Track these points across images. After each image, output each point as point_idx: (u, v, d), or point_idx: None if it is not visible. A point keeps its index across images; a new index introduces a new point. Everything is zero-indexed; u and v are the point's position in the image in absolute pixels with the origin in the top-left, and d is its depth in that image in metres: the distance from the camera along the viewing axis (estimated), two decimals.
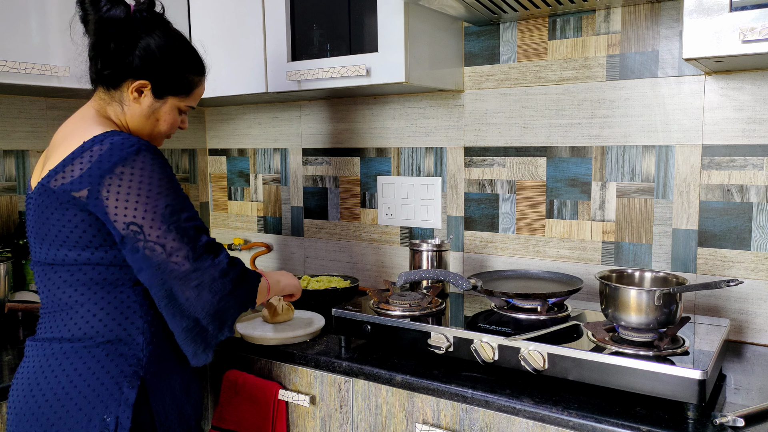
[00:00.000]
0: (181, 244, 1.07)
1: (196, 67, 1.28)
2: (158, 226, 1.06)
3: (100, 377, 1.09)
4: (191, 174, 2.37)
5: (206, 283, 1.08)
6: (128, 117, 1.22)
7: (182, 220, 1.09)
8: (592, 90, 1.62)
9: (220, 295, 1.10)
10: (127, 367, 1.10)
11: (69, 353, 1.10)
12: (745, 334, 1.49)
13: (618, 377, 1.11)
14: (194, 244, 1.08)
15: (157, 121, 1.24)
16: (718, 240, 1.50)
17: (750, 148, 1.44)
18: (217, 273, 1.10)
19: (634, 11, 1.55)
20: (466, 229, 1.85)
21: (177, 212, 1.09)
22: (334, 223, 2.12)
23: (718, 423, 1.03)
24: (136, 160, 1.07)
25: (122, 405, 1.08)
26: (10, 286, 1.70)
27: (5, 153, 1.84)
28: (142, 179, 1.07)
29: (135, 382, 1.10)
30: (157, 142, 1.30)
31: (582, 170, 1.65)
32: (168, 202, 1.08)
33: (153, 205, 1.07)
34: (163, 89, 1.22)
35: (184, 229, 1.08)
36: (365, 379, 1.33)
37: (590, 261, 1.66)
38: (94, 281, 1.11)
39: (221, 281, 1.10)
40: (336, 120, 2.07)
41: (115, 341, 1.11)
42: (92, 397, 1.08)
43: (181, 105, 1.26)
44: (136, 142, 1.09)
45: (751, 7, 1.08)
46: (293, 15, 1.73)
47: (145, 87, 1.19)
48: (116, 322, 1.11)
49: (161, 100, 1.22)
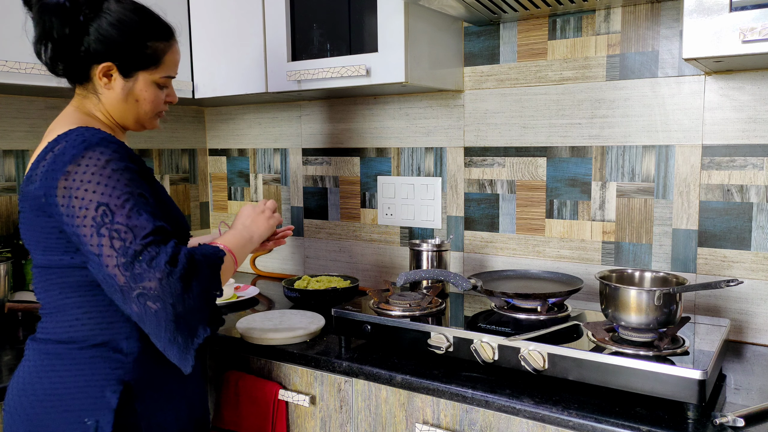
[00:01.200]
0: (111, 250, 0.98)
1: (159, 33, 1.18)
2: (90, 233, 0.99)
3: (84, 380, 1.07)
4: (191, 174, 2.37)
5: (147, 291, 0.97)
6: (107, 106, 1.18)
7: (115, 222, 0.99)
8: (592, 90, 1.62)
9: (171, 300, 0.98)
10: (110, 371, 1.08)
11: (61, 354, 1.10)
12: (745, 334, 1.48)
13: (618, 377, 1.11)
14: (126, 248, 0.98)
15: (137, 102, 1.18)
16: (718, 240, 1.50)
17: (750, 148, 1.44)
18: (157, 276, 0.97)
19: (634, 11, 1.55)
20: (466, 229, 1.85)
21: (110, 213, 0.99)
22: (334, 223, 2.12)
23: (718, 423, 1.03)
24: (84, 157, 1.02)
25: (103, 409, 1.06)
26: (10, 286, 1.69)
27: (5, 153, 1.84)
28: (83, 179, 1.01)
29: (118, 387, 1.07)
30: (151, 123, 1.24)
31: (582, 170, 1.65)
32: (101, 201, 1.00)
33: (86, 207, 1.00)
34: (130, 66, 1.15)
35: (117, 231, 0.98)
36: (365, 379, 1.33)
37: (590, 261, 1.66)
38: (80, 284, 1.09)
39: (165, 284, 0.97)
40: (336, 120, 2.07)
41: (101, 345, 1.09)
42: (76, 399, 1.07)
43: (156, 78, 1.19)
44: (89, 137, 1.04)
45: (751, 7, 1.08)
46: (293, 15, 1.73)
47: (110, 69, 1.14)
48: (100, 326, 1.09)
49: (131, 78, 1.16)
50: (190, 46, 1.95)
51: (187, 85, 1.94)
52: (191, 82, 1.95)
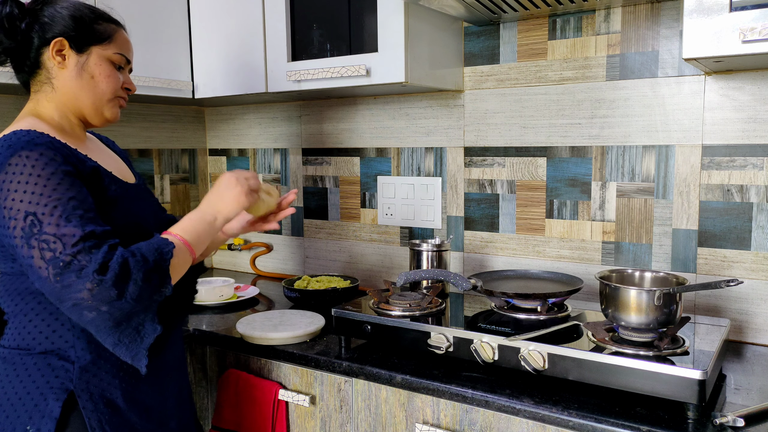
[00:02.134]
0: (42, 262, 0.95)
1: (108, 18, 1.18)
2: (21, 243, 0.96)
3: (27, 387, 1.06)
4: (191, 174, 2.37)
5: (80, 302, 0.94)
6: (61, 91, 1.14)
7: (43, 232, 0.95)
8: (592, 90, 1.62)
9: (106, 308, 0.95)
10: (53, 379, 1.06)
11: (7, 360, 1.09)
12: (745, 334, 1.48)
13: (618, 377, 1.11)
14: (56, 259, 0.94)
15: (92, 79, 1.15)
16: (718, 240, 1.50)
17: (750, 148, 1.44)
18: (86, 287, 0.93)
19: (634, 11, 1.55)
20: (466, 229, 1.85)
21: (38, 222, 0.96)
22: (334, 223, 2.12)
23: (718, 423, 1.03)
24: (11, 164, 0.98)
25: (45, 417, 1.04)
26: None
27: None
28: (10, 187, 0.97)
29: (61, 395, 1.05)
30: (111, 110, 1.19)
31: (582, 170, 1.65)
32: (29, 211, 0.96)
33: (15, 218, 0.97)
34: (82, 40, 1.13)
35: (45, 242, 0.95)
36: (365, 379, 1.33)
37: (590, 261, 1.66)
38: (29, 290, 1.07)
39: (96, 293, 0.93)
40: (336, 120, 2.07)
41: (48, 352, 1.07)
42: (18, 406, 1.05)
43: (109, 54, 1.16)
44: (15, 141, 1.00)
45: (751, 7, 1.08)
46: (293, 15, 1.73)
47: (62, 47, 1.12)
48: (44, 334, 1.07)
49: (85, 52, 1.14)
50: (190, 46, 1.95)
51: (187, 85, 1.94)
52: (191, 82, 1.95)
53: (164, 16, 1.88)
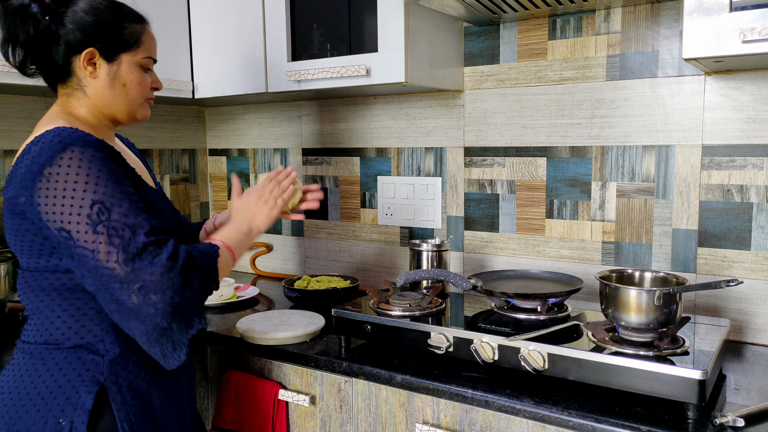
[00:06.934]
0: (110, 247, 0.98)
1: (132, 16, 1.19)
2: (85, 230, 0.99)
3: (58, 380, 1.07)
4: (191, 174, 2.37)
5: (149, 284, 0.99)
6: (94, 99, 1.16)
7: (112, 219, 0.99)
8: (592, 90, 1.62)
9: (171, 293, 1.00)
10: (85, 372, 1.08)
11: (39, 355, 1.10)
12: (745, 334, 1.48)
13: (618, 377, 1.11)
14: (126, 245, 0.99)
15: (124, 87, 1.17)
16: (718, 240, 1.50)
17: (750, 148, 1.44)
18: (159, 271, 0.99)
19: (634, 11, 1.55)
20: (466, 229, 1.85)
21: (106, 210, 1.00)
22: (334, 223, 2.12)
23: (718, 423, 1.03)
24: (63, 158, 1.00)
25: (78, 410, 1.05)
26: (11, 286, 1.69)
27: (5, 153, 1.84)
28: (68, 179, 1.00)
29: (93, 387, 1.07)
30: (142, 112, 1.23)
31: (582, 170, 1.65)
32: (95, 199, 1.00)
33: (78, 206, 0.99)
34: (111, 49, 1.14)
35: (114, 228, 0.99)
36: (365, 379, 1.33)
37: (590, 261, 1.66)
38: (54, 287, 1.09)
39: (166, 278, 0.99)
40: (336, 120, 2.07)
41: (78, 347, 1.09)
42: (49, 400, 1.07)
43: (138, 59, 1.18)
44: (66, 137, 1.02)
45: (751, 7, 1.08)
46: (293, 15, 1.73)
47: (93, 56, 1.13)
48: (73, 329, 1.09)
49: (115, 61, 1.15)
50: (190, 46, 1.95)
51: (187, 85, 1.94)
52: (191, 82, 1.95)
53: (164, 16, 1.88)
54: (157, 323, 1.02)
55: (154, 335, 1.03)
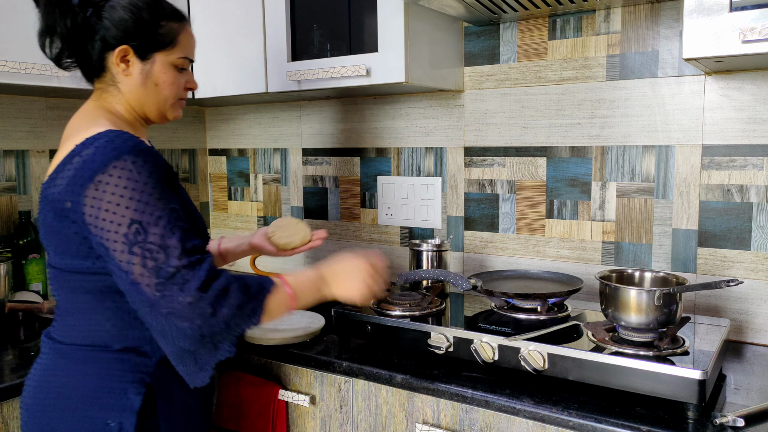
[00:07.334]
0: (143, 269, 0.97)
1: (171, 13, 1.17)
2: (122, 249, 0.98)
3: (105, 382, 1.07)
4: (191, 174, 2.37)
5: (177, 310, 0.97)
6: (128, 96, 1.16)
7: (148, 241, 0.98)
8: (592, 90, 1.62)
9: (199, 321, 0.98)
10: (132, 373, 1.09)
11: (78, 357, 1.09)
12: (745, 334, 1.49)
13: (618, 377, 1.11)
14: (159, 269, 0.97)
15: (156, 87, 1.16)
16: (718, 240, 1.50)
17: (750, 148, 1.44)
18: (187, 300, 0.97)
19: (634, 11, 1.55)
20: (466, 229, 1.85)
21: (143, 231, 0.98)
22: (334, 223, 2.12)
23: (718, 423, 1.03)
24: (116, 167, 0.99)
25: (126, 411, 1.06)
26: (10, 286, 1.70)
27: (5, 153, 1.84)
28: (114, 192, 0.99)
29: (141, 389, 1.08)
30: (173, 112, 1.22)
31: (582, 170, 1.65)
32: (134, 219, 0.98)
33: (118, 223, 0.98)
34: (145, 48, 1.14)
35: (149, 251, 0.98)
36: (365, 379, 1.33)
37: (590, 261, 1.66)
38: (100, 289, 1.08)
39: (195, 307, 0.97)
40: (336, 120, 2.07)
41: (124, 349, 1.09)
42: (95, 402, 1.07)
43: (173, 59, 1.17)
44: (120, 144, 1.02)
45: (751, 7, 1.08)
46: (293, 15, 1.73)
47: (127, 54, 1.13)
48: (122, 332, 1.10)
49: (148, 60, 1.15)
50: None
51: None
52: None
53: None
54: (183, 347, 1.02)
55: (179, 356, 1.04)
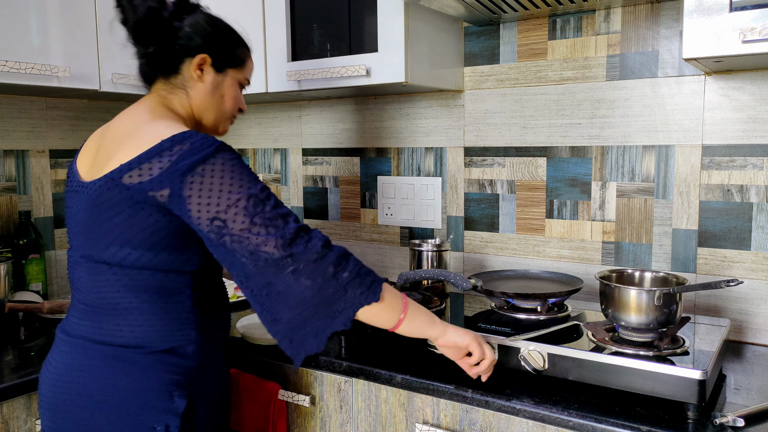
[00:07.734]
0: (267, 235, 1.03)
1: (242, 41, 1.29)
2: (242, 219, 1.03)
3: (150, 384, 1.08)
4: None
5: (302, 268, 1.03)
6: (194, 100, 1.22)
7: (266, 211, 1.05)
8: (592, 90, 1.62)
9: (321, 280, 1.03)
10: (177, 376, 1.10)
11: (120, 358, 1.09)
12: (745, 334, 1.49)
13: (618, 377, 1.11)
14: (282, 232, 1.04)
15: (222, 98, 1.25)
16: (718, 240, 1.50)
17: (750, 148, 1.44)
18: (312, 257, 1.03)
19: (634, 11, 1.55)
20: (466, 229, 1.85)
21: (261, 203, 1.05)
22: (334, 223, 2.12)
23: (718, 423, 1.03)
24: (217, 157, 1.05)
25: (171, 414, 1.08)
26: (10, 286, 1.70)
27: (5, 153, 1.84)
28: (224, 175, 1.05)
29: (184, 392, 1.10)
30: (225, 125, 1.30)
31: (582, 170, 1.65)
32: (252, 193, 1.05)
33: (236, 198, 1.04)
34: (222, 61, 1.23)
35: (270, 218, 1.04)
36: (365, 379, 1.33)
37: (590, 261, 1.66)
38: (152, 287, 1.09)
39: (318, 264, 1.03)
40: (336, 120, 2.07)
41: (168, 351, 1.10)
42: (138, 404, 1.07)
43: (240, 77, 1.28)
44: (214, 141, 1.08)
45: (751, 7, 1.08)
46: (293, 15, 1.73)
47: (205, 62, 1.21)
48: (171, 332, 1.10)
49: (222, 73, 1.24)
50: None
51: None
52: None
53: None
54: (303, 311, 1.04)
55: (292, 325, 1.05)
